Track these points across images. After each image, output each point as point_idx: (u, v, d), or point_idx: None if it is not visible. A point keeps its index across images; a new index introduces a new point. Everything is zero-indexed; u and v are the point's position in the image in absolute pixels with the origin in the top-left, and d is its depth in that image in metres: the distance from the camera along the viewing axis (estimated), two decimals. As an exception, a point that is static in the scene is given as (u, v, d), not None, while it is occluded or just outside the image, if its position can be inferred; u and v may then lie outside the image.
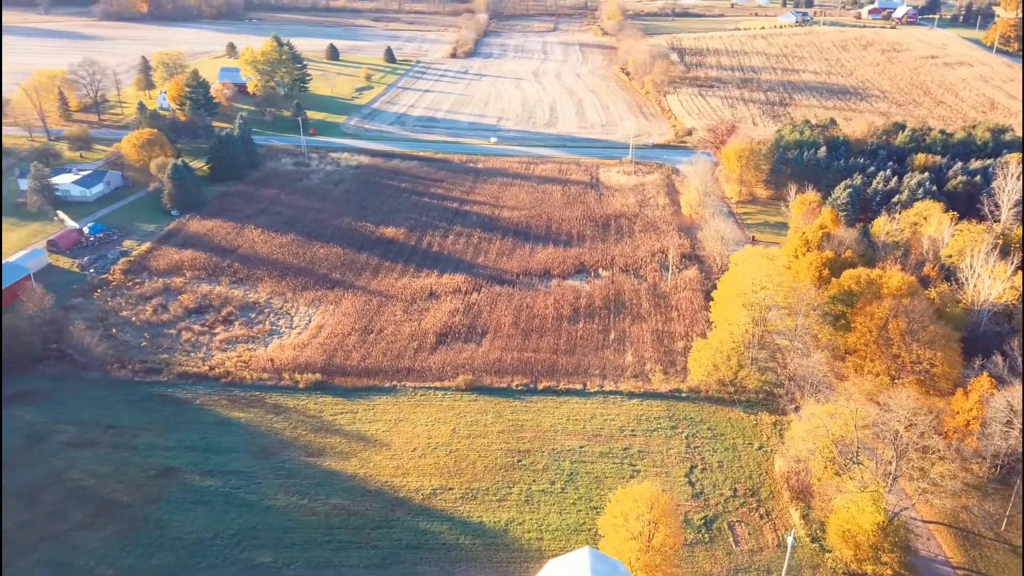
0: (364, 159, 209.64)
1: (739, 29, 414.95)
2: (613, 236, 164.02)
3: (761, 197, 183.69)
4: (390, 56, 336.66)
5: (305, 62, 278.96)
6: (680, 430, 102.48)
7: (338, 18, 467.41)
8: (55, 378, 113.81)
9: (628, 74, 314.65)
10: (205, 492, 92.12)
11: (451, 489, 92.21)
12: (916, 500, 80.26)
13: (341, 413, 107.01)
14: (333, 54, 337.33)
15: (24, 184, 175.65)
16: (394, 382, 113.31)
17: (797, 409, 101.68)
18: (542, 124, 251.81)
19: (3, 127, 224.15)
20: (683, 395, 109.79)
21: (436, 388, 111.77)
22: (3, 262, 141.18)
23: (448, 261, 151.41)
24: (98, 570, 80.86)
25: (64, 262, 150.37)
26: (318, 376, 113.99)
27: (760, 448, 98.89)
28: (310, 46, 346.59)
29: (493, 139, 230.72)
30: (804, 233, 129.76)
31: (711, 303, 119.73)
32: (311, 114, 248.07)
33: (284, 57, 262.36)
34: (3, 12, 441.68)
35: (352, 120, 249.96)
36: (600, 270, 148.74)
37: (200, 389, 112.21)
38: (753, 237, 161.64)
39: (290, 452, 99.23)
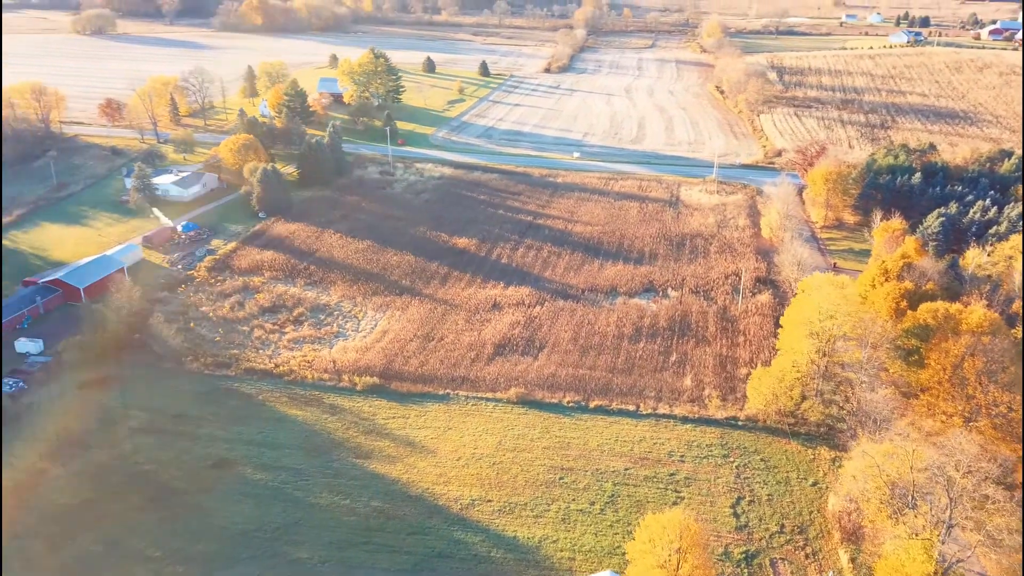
0: (447, 170, 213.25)
1: (845, 48, 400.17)
2: (687, 256, 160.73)
3: (848, 223, 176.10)
4: (484, 70, 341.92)
5: (400, 74, 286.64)
6: (731, 459, 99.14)
7: (439, 32, 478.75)
8: (134, 366, 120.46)
9: (722, 92, 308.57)
10: (255, 485, 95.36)
11: (490, 501, 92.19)
12: (974, 552, 74.77)
13: (393, 417, 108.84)
14: (430, 67, 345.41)
15: (129, 183, 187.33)
16: (448, 390, 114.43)
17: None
18: (628, 140, 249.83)
19: (119, 129, 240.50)
20: (739, 423, 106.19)
21: (488, 399, 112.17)
22: (102, 255, 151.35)
23: (515, 273, 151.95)
24: (147, 551, 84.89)
25: (157, 257, 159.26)
26: (376, 380, 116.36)
27: (815, 484, 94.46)
28: (409, 58, 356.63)
29: (576, 154, 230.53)
30: (884, 262, 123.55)
31: (780, 330, 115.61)
32: (402, 125, 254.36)
33: (379, 69, 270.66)
34: (133, 23, 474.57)
35: (441, 132, 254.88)
36: (669, 290, 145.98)
37: (264, 385, 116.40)
38: (835, 264, 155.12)
39: (340, 452, 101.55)
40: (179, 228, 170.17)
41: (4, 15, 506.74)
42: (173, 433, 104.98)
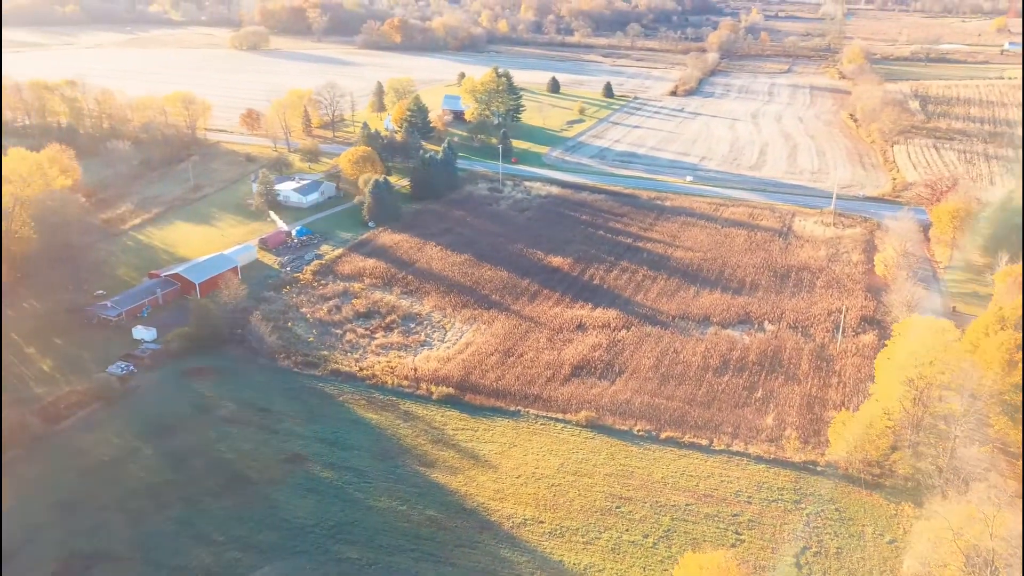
0: (554, 189, 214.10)
1: (1003, 78, 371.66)
2: (790, 289, 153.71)
3: (977, 264, 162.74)
4: (608, 91, 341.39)
5: (521, 93, 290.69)
6: (803, 506, 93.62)
7: (570, 53, 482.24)
8: (232, 359, 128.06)
9: (856, 121, 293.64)
10: (321, 482, 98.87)
11: (542, 522, 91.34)
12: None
13: (462, 429, 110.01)
14: (554, 87, 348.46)
15: (255, 188, 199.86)
16: (519, 407, 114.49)
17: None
18: (747, 166, 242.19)
19: (256, 138, 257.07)
20: (818, 469, 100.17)
21: (557, 419, 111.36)
22: (219, 253, 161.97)
23: (605, 295, 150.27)
24: (213, 535, 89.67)
25: (269, 259, 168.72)
26: (451, 391, 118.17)
27: (891, 542, 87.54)
28: (535, 78, 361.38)
29: (689, 178, 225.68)
30: (1001, 309, 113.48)
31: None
32: (517, 143, 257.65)
33: (500, 88, 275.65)
34: (285, 39, 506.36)
35: (555, 152, 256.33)
36: (765, 323, 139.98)
37: (346, 387, 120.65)
38: (954, 307, 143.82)
39: (405, 459, 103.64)
40: (293, 232, 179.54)
41: (175, 31, 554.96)
42: (256, 425, 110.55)
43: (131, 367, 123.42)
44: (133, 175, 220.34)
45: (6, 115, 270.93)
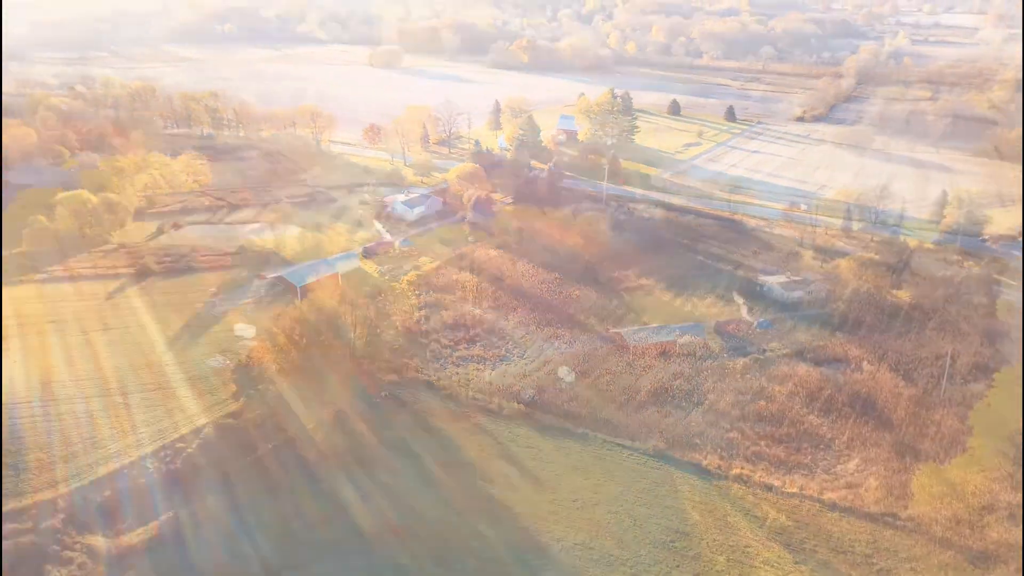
0: (658, 212, 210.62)
1: None
2: (897, 328, 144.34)
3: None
4: (730, 115, 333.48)
5: (637, 115, 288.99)
6: (874, 560, 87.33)
7: (697, 75, 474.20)
8: (320, 361, 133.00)
9: (1000, 153, 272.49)
10: (382, 487, 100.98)
11: (591, 548, 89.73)
12: None
13: (528, 447, 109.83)
14: (674, 109, 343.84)
15: (365, 199, 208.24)
16: (588, 429, 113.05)
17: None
18: (870, 197, 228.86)
19: (376, 151, 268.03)
20: (897, 522, 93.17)
21: (625, 446, 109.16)
22: (323, 259, 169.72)
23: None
24: (276, 526, 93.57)
25: (370, 267, 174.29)
26: (522, 407, 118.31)
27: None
28: (656, 100, 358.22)
29: (803, 206, 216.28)
30: None
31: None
32: (629, 164, 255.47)
33: (615, 109, 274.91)
34: (418, 57, 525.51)
35: (665, 174, 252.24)
36: (864, 363, 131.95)
37: (422, 395, 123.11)
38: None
39: (467, 471, 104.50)
40: (396, 243, 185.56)
41: (316, 49, 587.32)
42: (328, 426, 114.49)
43: (227, 361, 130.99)
44: (260, 182, 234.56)
45: (159, 122, 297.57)
